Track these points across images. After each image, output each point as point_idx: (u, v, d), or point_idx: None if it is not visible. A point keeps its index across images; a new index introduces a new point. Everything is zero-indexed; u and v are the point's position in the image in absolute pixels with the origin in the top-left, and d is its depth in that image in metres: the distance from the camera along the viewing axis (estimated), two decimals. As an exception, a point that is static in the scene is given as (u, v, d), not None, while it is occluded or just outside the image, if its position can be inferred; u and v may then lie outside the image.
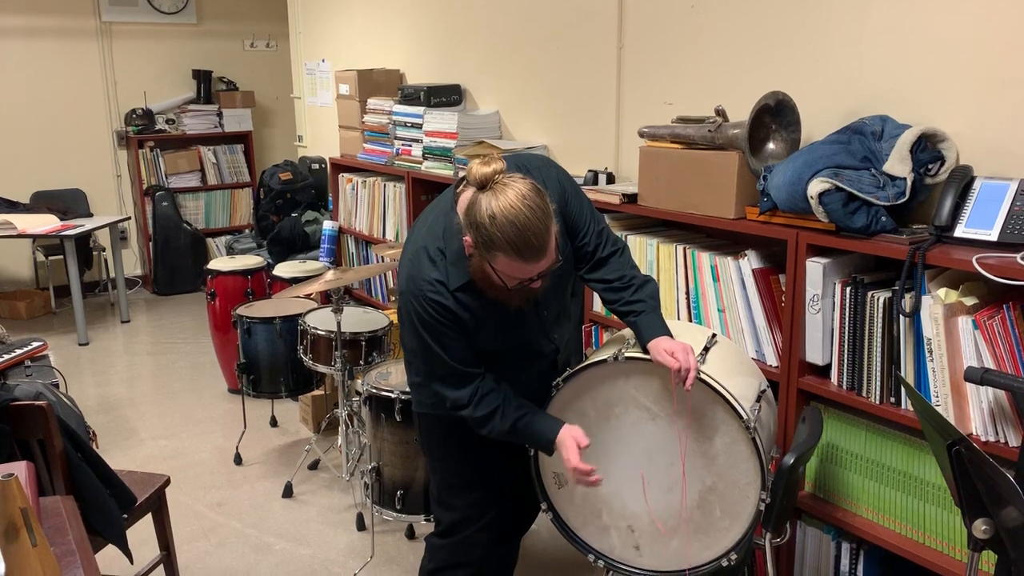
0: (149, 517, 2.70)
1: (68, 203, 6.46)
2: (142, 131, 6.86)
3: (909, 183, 2.15)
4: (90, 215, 6.44)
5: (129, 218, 6.77)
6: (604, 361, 2.06)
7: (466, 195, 1.89)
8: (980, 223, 2.04)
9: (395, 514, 3.02)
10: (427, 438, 2.30)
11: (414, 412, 2.32)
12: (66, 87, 6.66)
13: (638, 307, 2.11)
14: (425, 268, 1.99)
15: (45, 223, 5.70)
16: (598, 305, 3.06)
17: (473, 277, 1.97)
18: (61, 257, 5.81)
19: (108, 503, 2.37)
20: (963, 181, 2.09)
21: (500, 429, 2.05)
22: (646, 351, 2.02)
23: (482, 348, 2.07)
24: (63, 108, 6.67)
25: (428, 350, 2.03)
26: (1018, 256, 1.91)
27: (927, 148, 2.18)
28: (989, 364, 1.93)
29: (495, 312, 2.02)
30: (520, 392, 2.12)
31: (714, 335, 2.23)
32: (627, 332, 2.20)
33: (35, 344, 3.23)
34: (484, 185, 1.83)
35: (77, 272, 5.60)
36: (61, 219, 5.86)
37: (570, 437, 2.03)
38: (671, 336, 2.03)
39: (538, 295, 2.05)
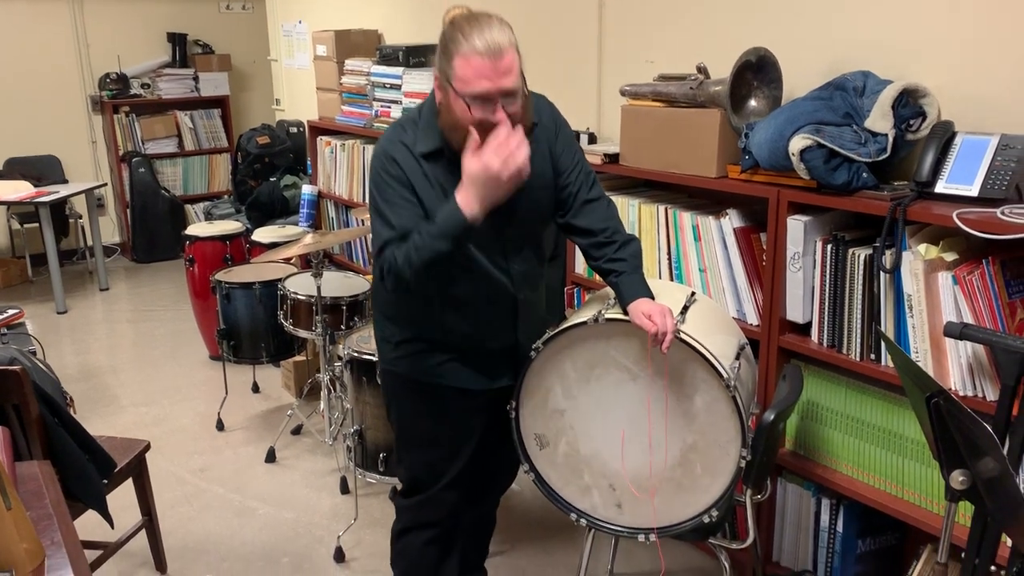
0: (130, 483, 2.69)
1: (42, 170, 6.35)
2: (116, 96, 6.73)
3: (891, 139, 2.14)
4: (65, 182, 6.33)
5: (105, 184, 6.66)
6: (584, 323, 2.05)
7: None
8: (961, 178, 2.03)
9: (378, 476, 3.02)
10: (387, 396, 2.29)
11: (379, 372, 2.29)
12: (37, 51, 6.52)
13: (620, 266, 2.08)
14: (398, 133, 2.01)
15: (19, 190, 5.61)
16: (580, 267, 3.05)
17: (442, 128, 1.93)
18: (37, 225, 5.73)
19: (87, 468, 2.36)
20: (944, 136, 2.09)
21: (417, 243, 1.89)
22: (626, 312, 2.01)
23: None
24: (35, 73, 6.53)
25: (383, 216, 1.97)
26: (998, 211, 1.91)
27: (909, 104, 2.17)
28: (968, 319, 1.94)
29: (453, 193, 1.92)
30: (480, 332, 2.10)
31: (693, 293, 2.23)
32: (607, 291, 2.19)
33: (10, 312, 3.19)
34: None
35: (53, 239, 5.53)
36: (35, 186, 5.76)
37: (471, 166, 1.86)
38: (652, 298, 2.01)
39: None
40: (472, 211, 1.84)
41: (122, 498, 2.84)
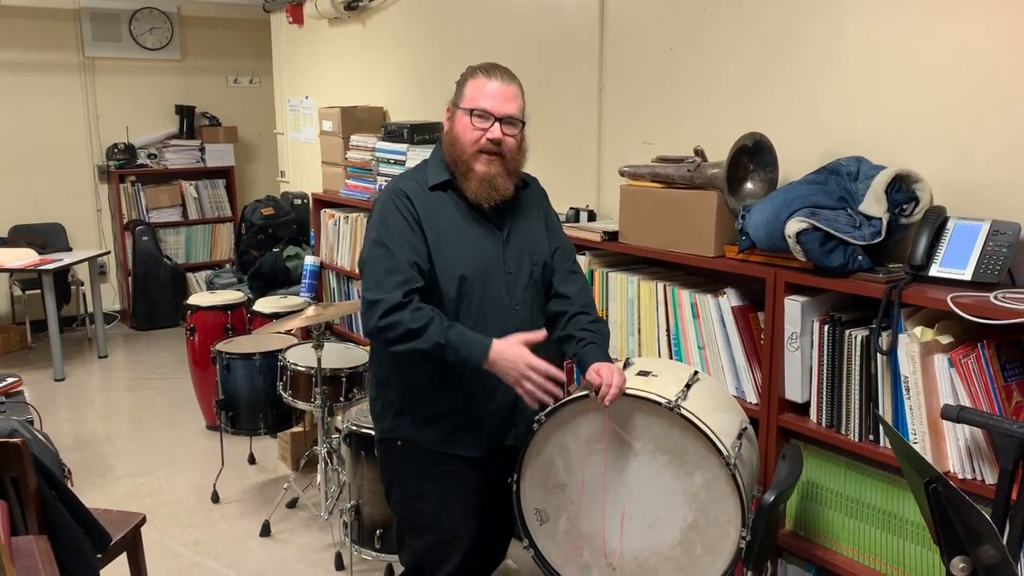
0: (124, 557, 2.66)
1: (47, 237, 6.42)
2: (123, 165, 6.84)
3: (885, 223, 2.19)
4: (69, 249, 6.40)
5: (108, 252, 6.73)
6: (586, 396, 2.06)
7: None
8: (954, 263, 2.07)
9: (374, 553, 2.99)
10: (388, 475, 2.28)
11: (375, 444, 2.30)
12: (48, 121, 6.66)
13: (589, 336, 2.18)
14: (409, 175, 2.20)
15: (23, 257, 5.66)
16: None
17: (446, 154, 2.12)
18: (39, 291, 5.76)
19: (82, 543, 2.33)
20: (937, 221, 2.13)
21: (434, 338, 1.95)
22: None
23: (436, 272, 2.07)
24: (44, 142, 6.66)
25: (379, 246, 2.04)
26: (991, 296, 1.94)
27: (901, 189, 2.23)
28: (965, 402, 1.95)
29: (461, 227, 2.11)
30: (480, 389, 2.14)
31: (696, 372, 2.24)
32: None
33: (9, 380, 3.18)
34: None
35: (55, 306, 5.55)
36: (40, 253, 5.82)
37: (512, 340, 1.98)
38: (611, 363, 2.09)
39: (498, 196, 2.10)
40: (488, 365, 1.97)
41: (115, 572, 2.80)
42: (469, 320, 2.08)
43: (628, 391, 2.02)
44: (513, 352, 1.96)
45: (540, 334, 2.02)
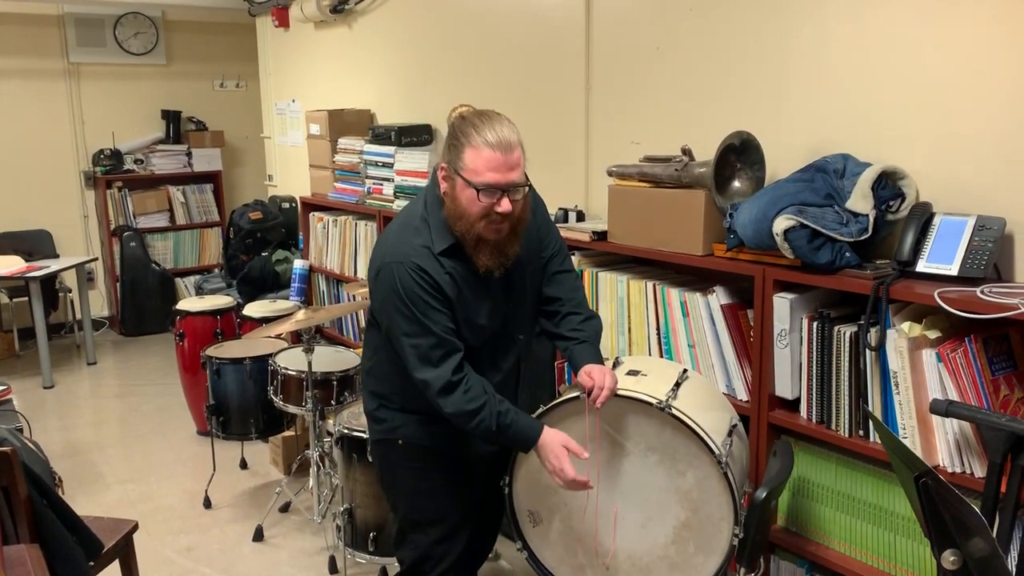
0: (117, 564, 2.65)
1: (33, 244, 6.38)
2: (110, 171, 6.80)
3: (871, 219, 2.20)
4: (56, 256, 6.36)
5: (96, 259, 6.69)
6: (577, 397, 2.07)
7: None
8: (941, 258, 2.09)
9: (368, 556, 2.99)
10: (387, 474, 2.29)
11: (372, 445, 2.30)
12: (33, 128, 6.61)
13: (580, 335, 2.19)
14: (410, 236, 2.04)
15: (10, 265, 5.62)
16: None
17: (446, 217, 2.01)
18: (26, 299, 5.72)
19: (74, 551, 2.32)
20: (923, 217, 2.15)
21: (487, 426, 1.99)
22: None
23: (463, 323, 2.06)
24: (30, 149, 6.61)
25: (416, 321, 1.99)
26: (978, 290, 1.96)
27: (888, 185, 2.24)
28: (953, 396, 1.97)
29: (474, 282, 2.06)
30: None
31: (685, 371, 2.25)
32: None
33: (-1, 388, 3.17)
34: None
35: (42, 314, 5.52)
36: (26, 260, 5.78)
37: (557, 443, 2.01)
38: (602, 365, 2.10)
39: (509, 262, 2.06)
40: (535, 451, 2.02)
41: (107, 580, 2.79)
42: (479, 357, 2.11)
43: (619, 392, 2.03)
44: (557, 448, 2.00)
45: (583, 453, 2.02)
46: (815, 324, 2.26)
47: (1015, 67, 2.05)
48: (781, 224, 2.20)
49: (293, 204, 5.72)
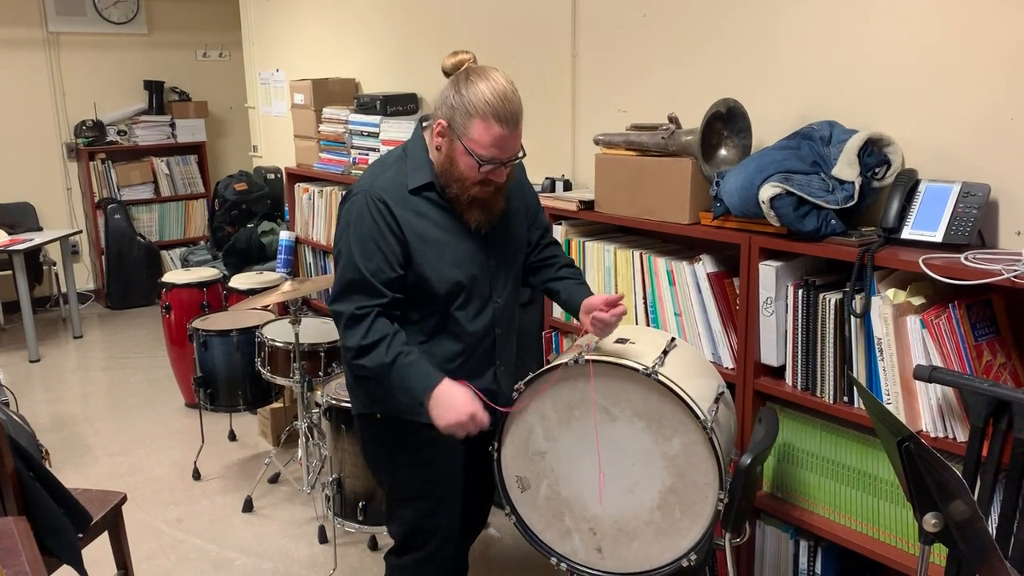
0: (106, 536, 2.65)
1: (16, 217, 6.31)
2: (92, 143, 6.73)
3: (857, 186, 2.21)
4: (40, 229, 6.30)
5: (80, 231, 6.64)
6: (565, 364, 2.07)
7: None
8: (926, 225, 2.10)
9: (357, 525, 3.01)
10: (371, 449, 2.28)
11: (354, 419, 2.30)
12: (12, 99, 6.52)
13: (579, 278, 2.28)
14: (383, 170, 2.04)
15: (-8, 238, 5.57)
16: (557, 312, 3.08)
17: (438, 172, 2.00)
18: (10, 272, 5.68)
19: (62, 523, 2.32)
20: (908, 184, 2.15)
21: (380, 360, 1.96)
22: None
23: (424, 276, 2.03)
24: (10, 120, 6.52)
25: (350, 255, 1.99)
26: (962, 256, 1.97)
27: (873, 152, 2.24)
28: (937, 362, 1.98)
29: (446, 229, 2.05)
30: (461, 369, 2.13)
31: (672, 339, 2.26)
32: (589, 338, 2.22)
33: (-17, 362, 3.16)
34: (457, 69, 1.96)
35: (27, 287, 5.48)
36: (9, 233, 5.73)
37: (460, 385, 1.99)
38: None
39: (495, 218, 2.07)
40: (431, 400, 1.97)
41: (98, 551, 2.80)
42: (453, 318, 2.10)
43: (606, 359, 2.04)
44: (462, 399, 1.97)
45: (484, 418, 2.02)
46: (800, 291, 2.27)
47: (1001, 34, 2.04)
48: (767, 192, 2.20)
49: (278, 175, 5.68)
